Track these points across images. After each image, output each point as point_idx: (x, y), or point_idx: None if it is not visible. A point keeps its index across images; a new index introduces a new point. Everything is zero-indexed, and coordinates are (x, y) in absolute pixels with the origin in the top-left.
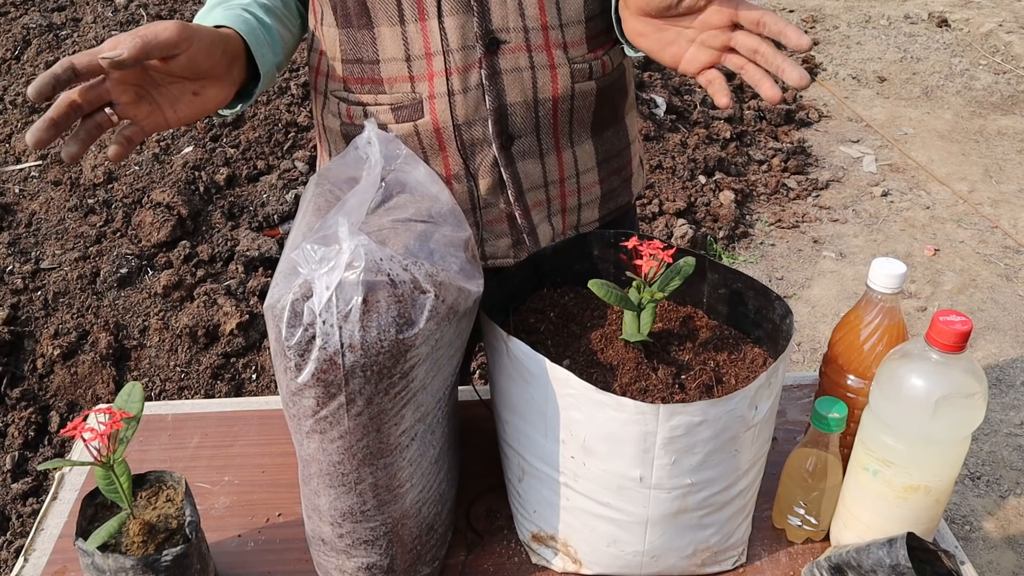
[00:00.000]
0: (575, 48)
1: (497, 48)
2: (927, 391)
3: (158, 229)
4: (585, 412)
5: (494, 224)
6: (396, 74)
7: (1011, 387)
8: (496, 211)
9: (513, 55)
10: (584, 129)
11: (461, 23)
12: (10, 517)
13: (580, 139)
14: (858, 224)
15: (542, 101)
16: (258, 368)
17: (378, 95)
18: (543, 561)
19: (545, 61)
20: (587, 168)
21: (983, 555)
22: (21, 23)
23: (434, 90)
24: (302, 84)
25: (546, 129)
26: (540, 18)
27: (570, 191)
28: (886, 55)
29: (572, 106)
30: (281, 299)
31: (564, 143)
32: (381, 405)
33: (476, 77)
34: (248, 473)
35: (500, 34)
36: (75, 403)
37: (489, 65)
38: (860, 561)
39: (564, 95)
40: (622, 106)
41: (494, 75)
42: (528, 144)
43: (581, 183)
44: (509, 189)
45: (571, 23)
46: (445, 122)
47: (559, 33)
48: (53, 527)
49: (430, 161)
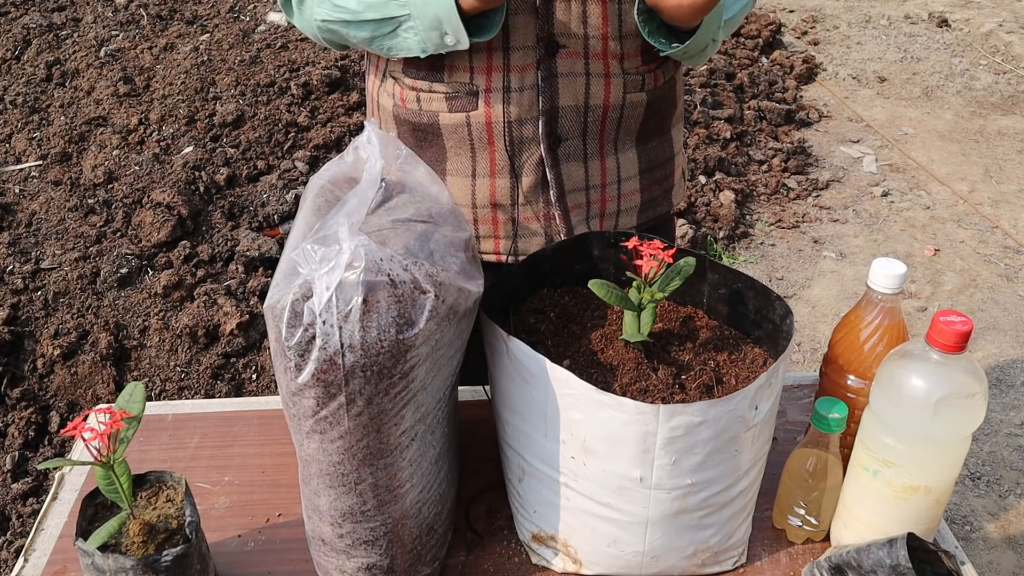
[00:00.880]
0: (630, 60)
1: (556, 51)
2: (927, 391)
3: (158, 229)
4: (585, 412)
5: (531, 222)
6: (457, 63)
7: (1011, 387)
8: (535, 209)
9: (570, 60)
10: (630, 138)
11: (524, 23)
12: (10, 517)
13: (625, 147)
14: (858, 224)
15: (593, 107)
16: (258, 368)
17: (434, 83)
18: (543, 561)
19: (601, 70)
20: (629, 175)
21: (983, 555)
22: (21, 23)
23: (491, 84)
24: (302, 84)
25: (593, 134)
26: (602, 28)
27: (610, 196)
28: (886, 55)
29: (621, 115)
30: (281, 299)
31: (609, 149)
32: (381, 405)
33: (532, 77)
34: (248, 473)
35: (560, 38)
36: (75, 403)
37: (546, 67)
38: (860, 561)
39: (615, 104)
40: (669, 118)
41: (550, 77)
42: (574, 147)
43: (622, 190)
44: (552, 189)
45: (630, 35)
46: (497, 117)
47: (618, 44)
48: (53, 527)
49: (476, 154)
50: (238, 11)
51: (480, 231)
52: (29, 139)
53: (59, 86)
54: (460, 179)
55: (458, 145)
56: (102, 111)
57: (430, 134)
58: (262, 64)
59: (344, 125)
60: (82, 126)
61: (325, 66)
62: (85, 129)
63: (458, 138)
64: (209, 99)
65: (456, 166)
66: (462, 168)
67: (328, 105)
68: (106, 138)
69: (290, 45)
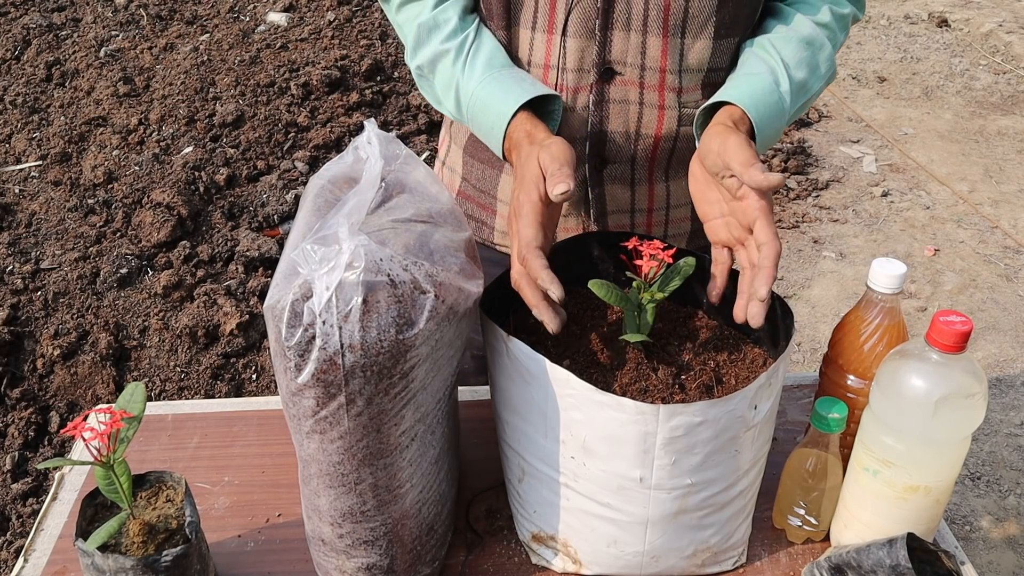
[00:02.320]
0: (689, 94)
1: (611, 78)
2: (927, 391)
3: (158, 229)
4: (585, 412)
5: (571, 232)
6: None
7: (1011, 387)
8: (576, 222)
9: (624, 88)
10: (684, 167)
11: (581, 46)
12: (10, 517)
13: (678, 175)
14: (858, 224)
15: (643, 136)
16: (258, 368)
17: None
18: (543, 561)
19: (655, 100)
20: (680, 203)
21: (983, 555)
22: (21, 23)
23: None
24: (302, 84)
25: (642, 161)
26: (660, 60)
27: (656, 222)
28: (886, 55)
29: (674, 146)
30: (281, 299)
31: (659, 176)
32: (381, 405)
33: (584, 100)
34: (248, 473)
35: (616, 66)
36: (75, 403)
37: (598, 91)
38: (860, 561)
39: (667, 135)
40: None
41: (601, 102)
42: (620, 171)
43: (671, 216)
44: (592, 208)
45: (690, 70)
46: None
47: (676, 78)
48: (53, 527)
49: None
50: (238, 11)
51: None
52: (29, 139)
53: (59, 86)
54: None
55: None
56: (102, 111)
57: None
58: (262, 64)
59: (344, 125)
60: (82, 126)
61: (325, 66)
62: (85, 129)
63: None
64: (209, 99)
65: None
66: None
67: (328, 105)
68: (106, 138)
69: (290, 45)
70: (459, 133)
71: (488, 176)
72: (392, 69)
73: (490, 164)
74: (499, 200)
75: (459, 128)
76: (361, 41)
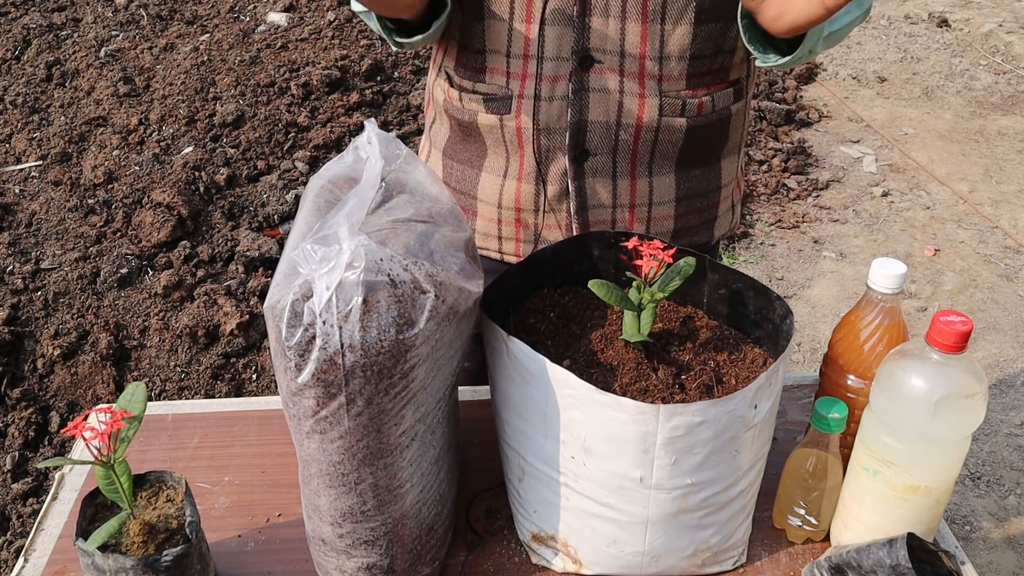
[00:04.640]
0: (671, 82)
1: (589, 66)
2: (927, 391)
3: (158, 229)
4: (585, 412)
5: (552, 230)
6: (496, 66)
7: (1011, 387)
8: (557, 218)
9: (603, 76)
10: (668, 162)
11: (559, 34)
12: (10, 517)
13: (661, 171)
14: (858, 224)
15: (624, 126)
16: (258, 368)
17: (476, 83)
18: (543, 561)
19: (635, 89)
20: (663, 200)
21: (983, 555)
22: (21, 23)
23: (524, 91)
24: (302, 84)
25: (624, 153)
26: (639, 47)
27: (639, 218)
28: (886, 55)
29: (656, 138)
30: (281, 299)
31: (641, 171)
32: (381, 405)
33: (563, 88)
34: (248, 473)
35: (595, 53)
36: (75, 403)
37: (577, 80)
38: (860, 561)
39: (648, 125)
40: (719, 150)
41: (580, 91)
42: (602, 163)
43: (653, 213)
44: (572, 201)
45: (672, 57)
46: (527, 123)
47: (656, 65)
48: (53, 527)
49: (510, 156)
50: (238, 11)
51: (503, 232)
52: (29, 139)
53: (59, 86)
54: (493, 177)
55: (495, 145)
56: (102, 111)
57: (472, 131)
58: (262, 64)
59: (344, 125)
60: (82, 126)
61: (325, 66)
62: (85, 129)
63: (494, 138)
64: (209, 99)
65: (492, 164)
66: (497, 167)
67: (328, 105)
68: (106, 138)
69: (290, 45)
70: (438, 136)
71: (467, 176)
72: (392, 69)
73: (469, 164)
74: (479, 200)
75: (438, 131)
76: (361, 41)
